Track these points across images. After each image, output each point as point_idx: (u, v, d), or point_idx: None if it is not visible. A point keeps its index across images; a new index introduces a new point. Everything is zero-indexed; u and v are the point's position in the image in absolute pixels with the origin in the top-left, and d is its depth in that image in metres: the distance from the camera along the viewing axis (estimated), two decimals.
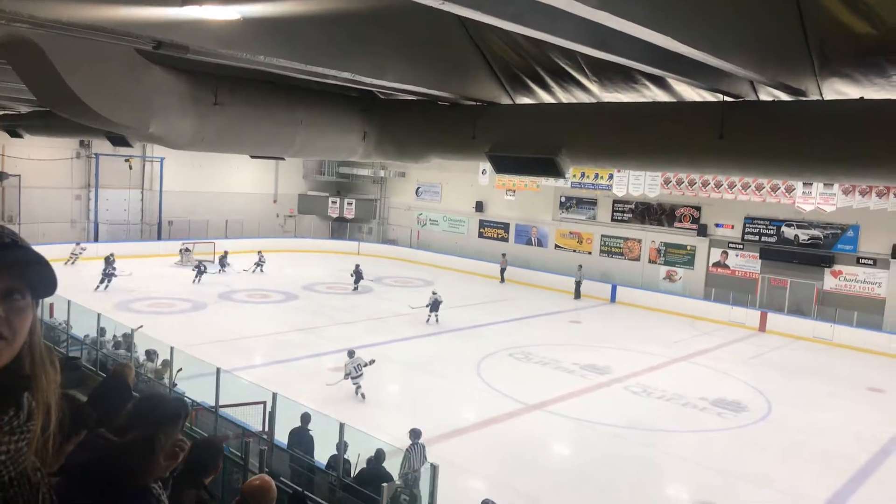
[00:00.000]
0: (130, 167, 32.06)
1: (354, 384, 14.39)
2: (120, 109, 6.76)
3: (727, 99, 6.59)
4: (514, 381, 16.41)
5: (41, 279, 1.11)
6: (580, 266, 29.18)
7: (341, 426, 9.14)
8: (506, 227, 33.72)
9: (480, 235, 34.67)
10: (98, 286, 23.20)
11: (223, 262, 29.08)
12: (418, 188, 37.51)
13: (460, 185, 34.68)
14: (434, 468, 7.98)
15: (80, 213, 31.32)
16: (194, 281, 25.75)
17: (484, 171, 31.91)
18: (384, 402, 14.94)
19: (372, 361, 14.55)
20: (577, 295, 28.21)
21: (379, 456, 9.01)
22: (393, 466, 8.98)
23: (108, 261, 24.07)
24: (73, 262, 27.23)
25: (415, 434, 9.94)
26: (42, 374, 1.14)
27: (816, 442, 13.96)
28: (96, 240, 30.99)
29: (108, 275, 23.72)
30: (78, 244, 28.55)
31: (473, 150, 8.45)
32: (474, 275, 31.94)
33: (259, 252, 29.82)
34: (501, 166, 8.47)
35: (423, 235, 36.90)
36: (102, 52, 6.16)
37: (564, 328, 23.24)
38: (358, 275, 26.68)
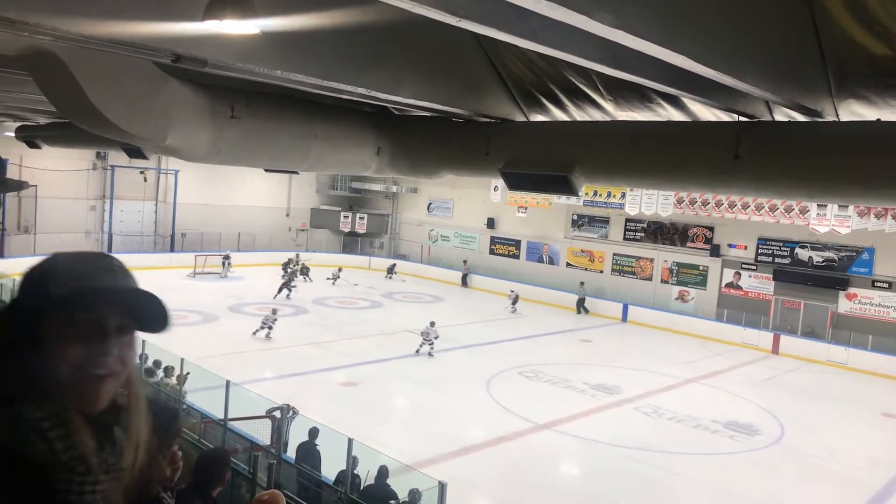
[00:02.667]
0: (145, 179, 32.37)
1: (429, 345, 18.94)
2: (138, 121, 6.84)
3: (742, 119, 6.58)
4: (524, 399, 16.30)
5: (151, 314, 1.10)
6: (582, 283, 29.21)
7: (350, 441, 9.10)
8: (517, 244, 33.66)
9: (492, 252, 34.62)
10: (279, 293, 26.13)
11: (305, 272, 30.61)
12: (430, 204, 37.58)
13: (472, 201, 34.72)
14: (442, 486, 7.93)
15: (95, 224, 31.60)
16: (288, 294, 26.74)
17: (496, 188, 31.86)
18: (393, 417, 14.89)
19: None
20: (580, 310, 28.37)
21: (382, 473, 8.96)
22: (395, 482, 8.92)
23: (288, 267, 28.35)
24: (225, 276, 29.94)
25: (290, 409, 10.71)
26: (137, 407, 1.12)
27: (830, 466, 13.76)
28: (109, 250, 31.25)
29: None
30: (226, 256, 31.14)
31: (486, 166, 8.47)
32: (485, 291, 31.88)
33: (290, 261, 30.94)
34: (514, 183, 8.48)
35: (434, 251, 36.92)
36: (122, 65, 6.24)
37: (575, 347, 23.10)
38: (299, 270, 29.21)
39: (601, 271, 30.55)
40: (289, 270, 28.26)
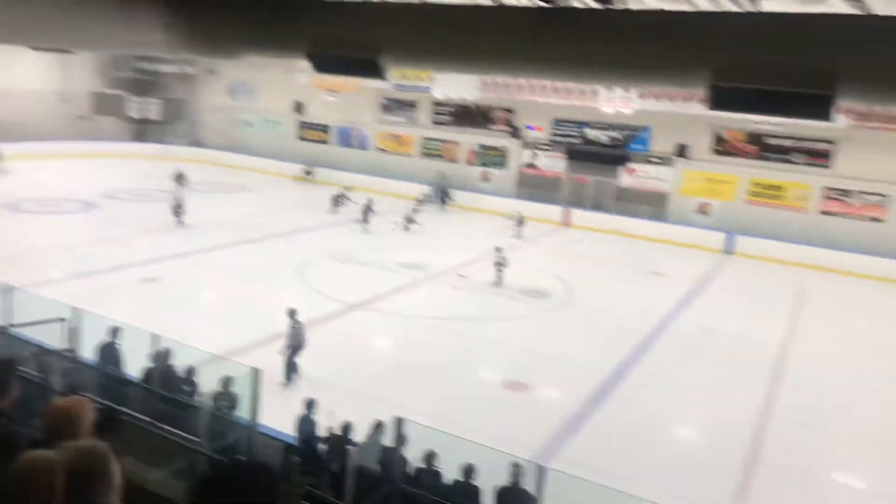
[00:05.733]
0: None
1: (499, 270, 17.34)
2: None
3: (541, 4, 6.82)
4: (338, 282, 16.60)
5: None
6: (441, 172, 29.11)
7: (154, 337, 8.80)
8: (326, 129, 32.94)
9: (301, 138, 33.61)
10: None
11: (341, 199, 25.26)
12: (231, 87, 35.23)
13: (277, 84, 33.04)
14: (256, 372, 7.95)
15: None
16: None
17: (303, 71, 30.53)
18: (201, 310, 14.51)
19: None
20: (443, 202, 28.25)
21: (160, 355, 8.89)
22: (206, 373, 8.83)
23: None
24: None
25: (292, 313, 11.35)
26: None
27: (609, 320, 15.76)
28: None
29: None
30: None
31: (292, 47, 8.06)
32: (294, 179, 31.16)
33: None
34: (321, 66, 8.19)
35: (239, 138, 35.06)
36: None
37: (385, 229, 23.60)
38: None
39: (410, 155, 31.00)
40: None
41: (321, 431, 8.16)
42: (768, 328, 16.02)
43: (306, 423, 8.33)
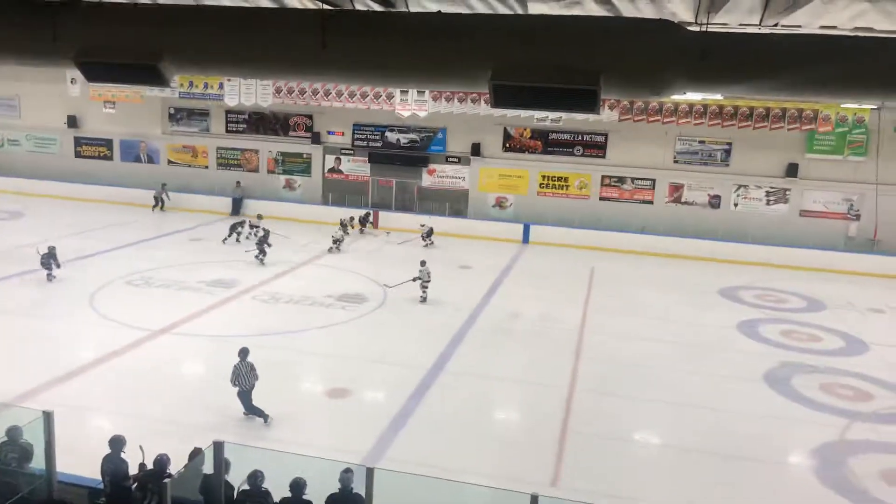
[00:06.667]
0: None
1: (423, 289, 17.17)
2: None
3: (326, 7, 6.83)
4: (136, 308, 15.38)
5: None
6: (238, 182, 28.71)
7: None
8: (108, 143, 30.33)
9: (78, 155, 30.65)
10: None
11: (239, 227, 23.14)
12: None
13: (45, 96, 29.86)
14: (48, 416, 7.17)
15: None
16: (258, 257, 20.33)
17: (74, 81, 27.92)
18: None
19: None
20: (237, 211, 27.73)
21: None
22: None
23: None
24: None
25: (243, 353, 10.64)
26: None
27: (424, 316, 16.20)
28: None
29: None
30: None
31: (56, 54, 7.34)
32: (74, 200, 28.35)
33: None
34: (94, 74, 7.56)
35: (3, 158, 31.18)
36: None
37: (185, 247, 22.30)
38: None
39: (206, 167, 29.53)
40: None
41: (133, 469, 7.53)
42: (565, 307, 17.41)
43: (112, 463, 7.63)
